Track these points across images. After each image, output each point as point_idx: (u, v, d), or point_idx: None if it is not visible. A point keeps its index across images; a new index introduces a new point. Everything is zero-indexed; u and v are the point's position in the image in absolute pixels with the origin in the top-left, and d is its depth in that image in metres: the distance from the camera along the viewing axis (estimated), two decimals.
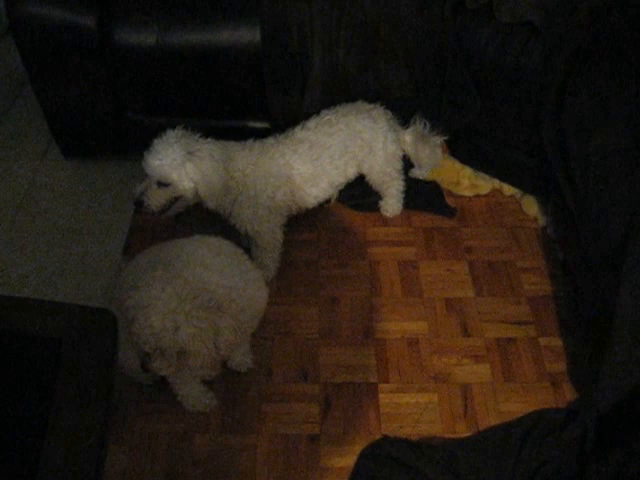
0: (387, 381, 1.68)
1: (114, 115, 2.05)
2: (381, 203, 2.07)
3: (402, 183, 2.03)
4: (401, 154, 1.97)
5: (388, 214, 2.08)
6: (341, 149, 1.81)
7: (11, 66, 2.37)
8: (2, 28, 2.67)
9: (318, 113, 1.86)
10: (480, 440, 1.51)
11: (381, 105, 1.94)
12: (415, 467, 1.44)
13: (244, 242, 1.86)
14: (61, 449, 0.98)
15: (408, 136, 1.96)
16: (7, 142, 2.33)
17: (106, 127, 2.09)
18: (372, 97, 1.94)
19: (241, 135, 2.11)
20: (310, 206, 1.89)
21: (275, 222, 1.81)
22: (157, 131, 2.09)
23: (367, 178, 1.98)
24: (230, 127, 2.12)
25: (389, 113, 1.92)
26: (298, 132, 1.81)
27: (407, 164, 2.06)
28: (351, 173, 1.90)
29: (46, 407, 1.00)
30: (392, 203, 2.06)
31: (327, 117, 1.83)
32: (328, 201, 2.01)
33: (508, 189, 2.13)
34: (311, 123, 1.83)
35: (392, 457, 1.47)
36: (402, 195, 2.05)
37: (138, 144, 2.20)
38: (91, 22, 1.84)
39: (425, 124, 1.96)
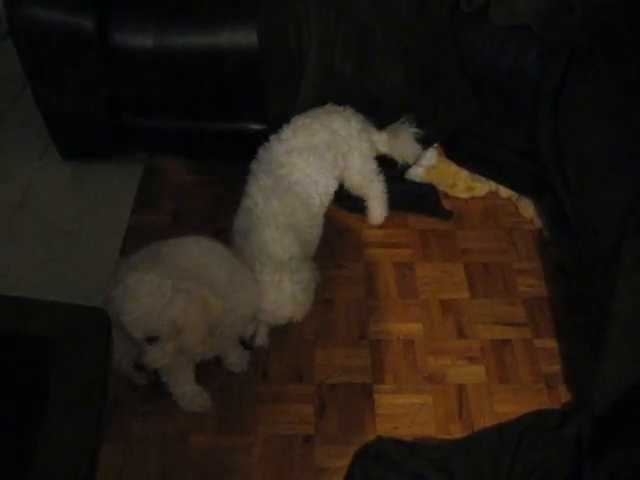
0: (382, 382, 1.68)
1: (112, 117, 2.06)
2: (366, 212, 2.04)
3: (382, 184, 1.98)
4: (374, 154, 1.93)
5: (374, 221, 2.04)
6: (326, 145, 1.78)
7: (10, 69, 2.37)
8: (1, 32, 2.68)
9: (289, 122, 1.83)
10: (475, 441, 1.51)
11: (378, 107, 1.94)
12: (410, 468, 1.44)
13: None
14: (54, 449, 0.98)
15: (383, 136, 1.94)
16: (5, 144, 2.33)
17: (104, 129, 2.10)
18: (368, 99, 1.95)
19: (239, 137, 2.13)
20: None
21: None
22: (155, 133, 2.11)
23: (347, 183, 1.93)
24: (227, 129, 2.13)
25: (360, 115, 1.90)
26: (281, 157, 1.75)
27: (405, 166, 2.07)
28: (343, 166, 1.86)
29: (39, 407, 1.00)
30: (376, 206, 2.01)
31: (300, 122, 1.82)
32: None
33: (504, 191, 2.14)
34: (285, 133, 1.80)
35: (387, 457, 1.47)
36: (385, 197, 2.01)
37: (136, 146, 2.23)
38: (89, 24, 1.85)
39: (403, 121, 1.94)
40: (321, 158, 1.77)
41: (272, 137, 1.81)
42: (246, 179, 1.76)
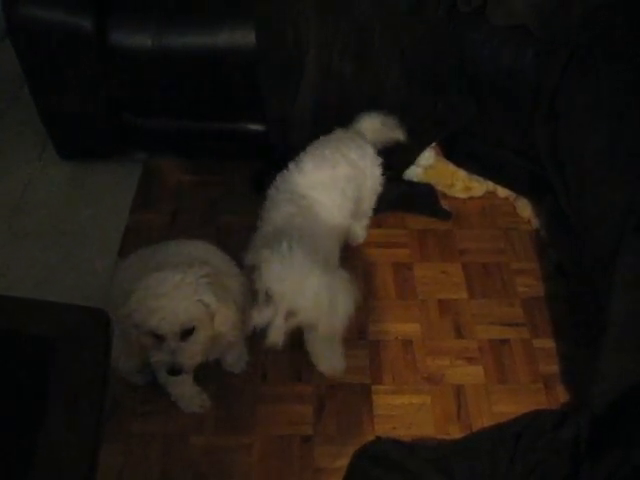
0: (381, 382, 1.69)
1: (110, 117, 2.06)
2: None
3: (371, 213, 1.95)
4: (382, 179, 1.87)
5: (356, 241, 2.00)
6: (348, 179, 1.72)
7: (9, 68, 2.37)
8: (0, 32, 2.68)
9: (304, 149, 1.76)
10: (474, 441, 1.51)
11: (378, 108, 1.94)
12: (409, 468, 1.44)
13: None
14: (54, 449, 0.98)
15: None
16: (5, 143, 2.34)
17: (102, 129, 2.09)
18: (367, 99, 1.95)
19: (239, 137, 2.13)
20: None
21: None
22: (154, 133, 2.09)
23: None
24: (227, 129, 2.13)
25: (365, 137, 1.84)
26: (303, 190, 1.66)
27: (402, 165, 2.07)
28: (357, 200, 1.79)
29: (39, 407, 1.00)
30: (359, 228, 1.97)
31: (319, 152, 1.73)
32: None
33: (502, 191, 2.14)
34: (307, 165, 1.70)
35: (386, 458, 1.47)
36: (369, 221, 1.99)
37: (135, 146, 2.23)
38: (88, 24, 1.85)
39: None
40: (342, 195, 1.70)
41: (291, 166, 1.71)
42: (263, 206, 1.68)
